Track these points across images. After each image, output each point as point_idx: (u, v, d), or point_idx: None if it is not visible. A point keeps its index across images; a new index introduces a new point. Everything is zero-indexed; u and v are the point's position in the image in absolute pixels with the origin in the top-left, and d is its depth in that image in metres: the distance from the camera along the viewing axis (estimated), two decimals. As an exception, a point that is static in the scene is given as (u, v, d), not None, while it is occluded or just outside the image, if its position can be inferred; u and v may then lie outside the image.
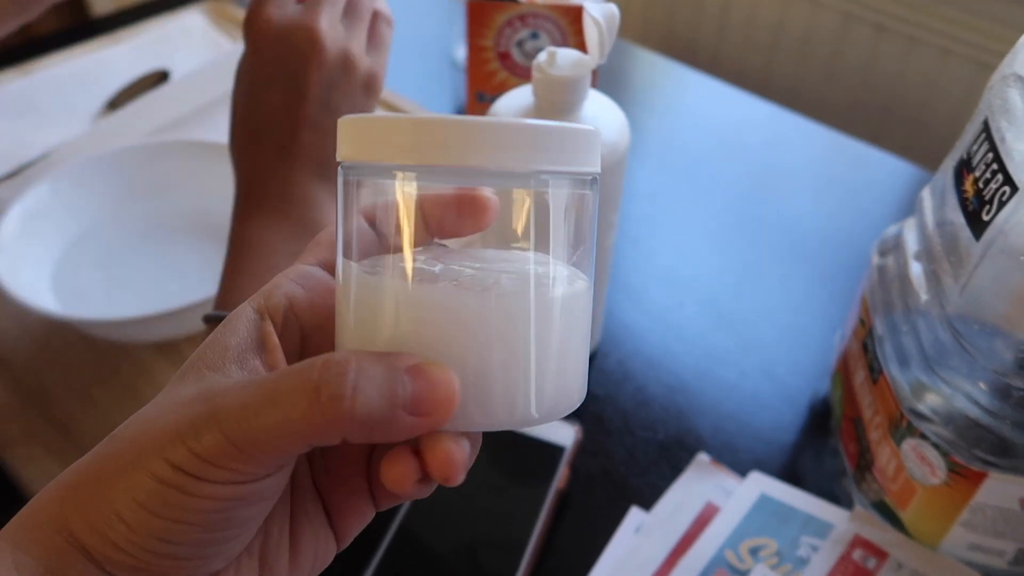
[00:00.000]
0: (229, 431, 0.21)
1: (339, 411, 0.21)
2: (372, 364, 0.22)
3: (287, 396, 0.21)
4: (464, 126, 0.22)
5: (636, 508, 0.50)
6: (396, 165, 0.23)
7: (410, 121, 0.23)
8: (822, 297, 0.64)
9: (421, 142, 0.22)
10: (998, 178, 0.37)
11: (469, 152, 0.22)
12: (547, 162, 0.23)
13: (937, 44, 0.89)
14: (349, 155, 0.24)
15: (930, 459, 0.43)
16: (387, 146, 0.23)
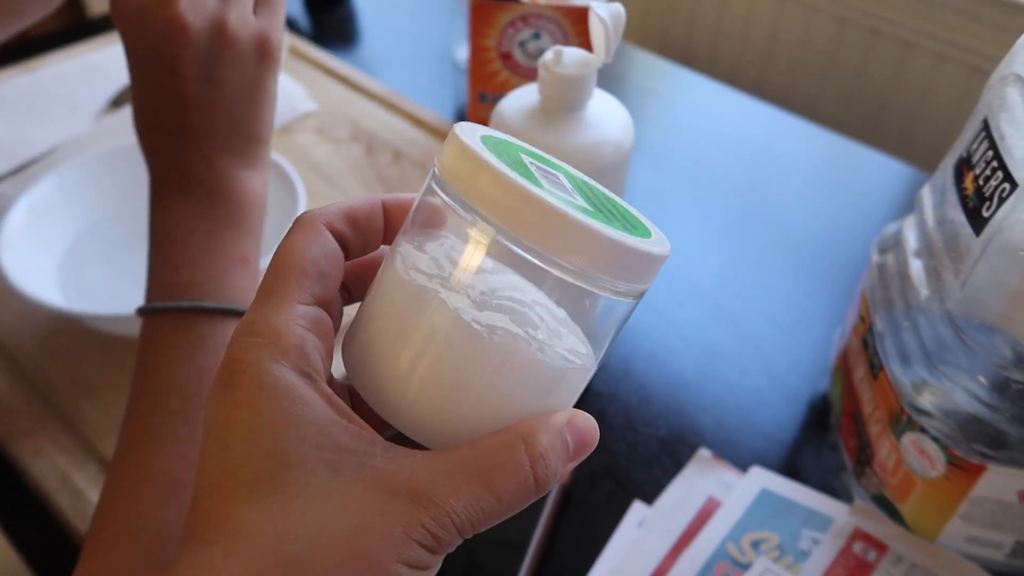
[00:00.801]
0: (457, 521, 0.23)
1: (544, 489, 0.23)
2: (554, 437, 0.24)
3: (501, 481, 0.23)
4: (575, 226, 0.22)
5: (638, 503, 0.50)
6: (487, 219, 0.23)
7: (523, 192, 0.22)
8: (820, 295, 0.65)
9: (522, 213, 0.23)
10: (998, 175, 0.38)
11: (561, 248, 0.23)
12: (623, 279, 0.24)
13: (931, 48, 0.90)
14: (448, 176, 0.24)
15: (929, 453, 0.43)
16: (489, 199, 0.23)
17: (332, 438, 0.22)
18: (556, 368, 0.24)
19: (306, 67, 0.87)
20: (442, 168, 0.25)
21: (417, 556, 0.22)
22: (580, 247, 0.23)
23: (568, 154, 0.47)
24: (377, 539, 0.21)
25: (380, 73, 0.88)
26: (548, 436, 0.23)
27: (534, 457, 0.23)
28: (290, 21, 0.97)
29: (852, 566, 0.46)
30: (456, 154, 0.24)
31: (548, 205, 0.22)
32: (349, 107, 0.81)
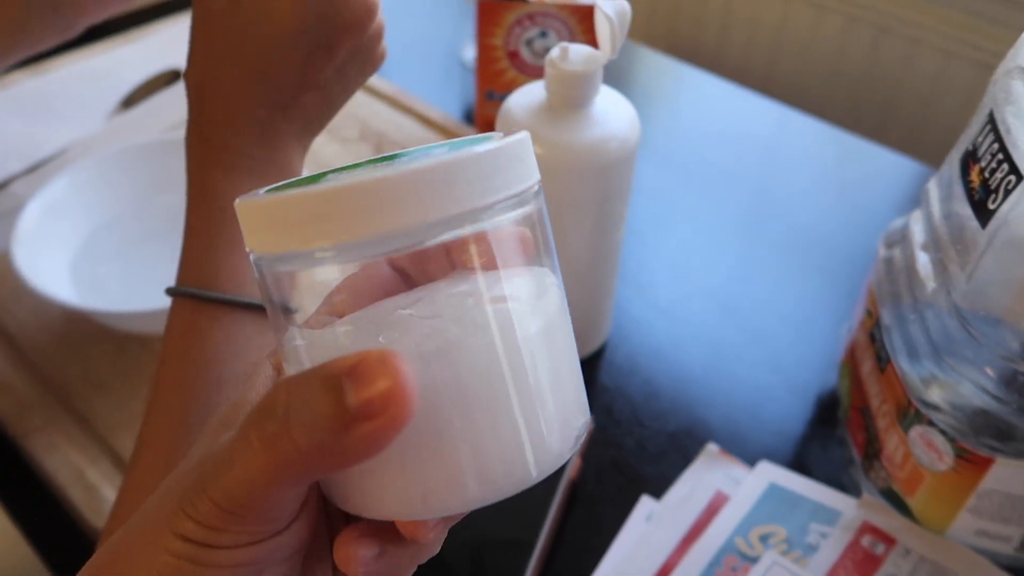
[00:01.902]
0: (214, 495, 0.20)
1: (282, 451, 0.19)
2: (305, 385, 0.19)
3: (243, 446, 0.20)
4: (378, 186, 0.19)
5: (647, 497, 0.51)
6: (311, 250, 0.20)
7: (311, 195, 0.20)
8: (827, 290, 0.65)
9: (329, 216, 0.19)
10: (1003, 167, 0.38)
11: (393, 215, 0.19)
12: (483, 196, 0.20)
13: (939, 46, 0.90)
14: (259, 247, 0.21)
15: (937, 445, 0.43)
16: (294, 230, 0.20)
17: (239, 416, 0.23)
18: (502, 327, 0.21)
19: (315, 67, 0.87)
20: (255, 247, 0.21)
21: (188, 529, 0.20)
22: (413, 198, 0.19)
23: (574, 150, 0.47)
24: (167, 505, 0.21)
25: (388, 73, 0.89)
26: (298, 386, 0.19)
27: (257, 410, 0.20)
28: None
29: (860, 559, 0.46)
30: (252, 218, 0.21)
31: (366, 183, 0.19)
32: (358, 107, 0.82)
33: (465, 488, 0.21)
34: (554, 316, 0.22)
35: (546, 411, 0.22)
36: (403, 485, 0.21)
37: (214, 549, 0.20)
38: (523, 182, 0.21)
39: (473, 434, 0.21)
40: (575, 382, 0.23)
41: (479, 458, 0.21)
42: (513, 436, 0.21)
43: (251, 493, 0.20)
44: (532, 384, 0.21)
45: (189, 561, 0.20)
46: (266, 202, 0.20)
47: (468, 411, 0.20)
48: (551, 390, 0.22)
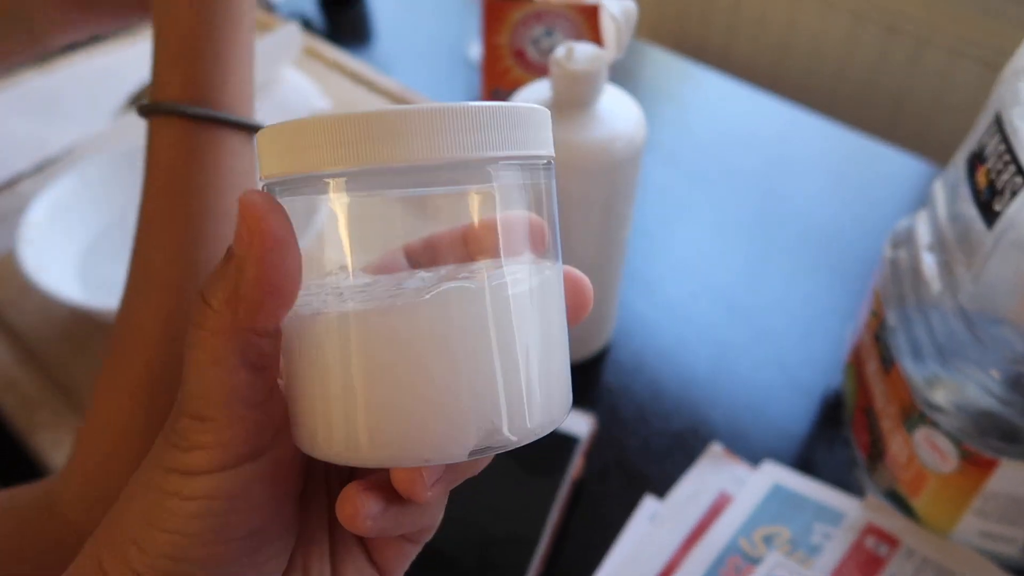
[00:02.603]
0: (187, 408, 0.21)
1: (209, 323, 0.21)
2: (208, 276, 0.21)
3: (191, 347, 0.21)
4: (397, 117, 0.20)
5: (650, 497, 0.51)
6: (322, 173, 0.21)
7: (330, 120, 0.20)
8: (833, 290, 0.65)
9: (343, 142, 0.20)
10: (1010, 168, 0.38)
11: (407, 147, 0.20)
12: (495, 147, 0.20)
13: (947, 45, 0.89)
14: (269, 170, 0.22)
15: (942, 447, 0.43)
16: (307, 153, 0.20)
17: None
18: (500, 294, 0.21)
19: (320, 65, 0.87)
20: (265, 173, 0.22)
21: (170, 459, 0.22)
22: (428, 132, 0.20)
23: (580, 149, 0.47)
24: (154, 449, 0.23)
25: (394, 71, 0.89)
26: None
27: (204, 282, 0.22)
28: (305, 20, 0.98)
29: (864, 561, 0.46)
30: (266, 142, 0.21)
31: (382, 112, 0.20)
32: (363, 105, 0.82)
33: (440, 435, 0.21)
34: (550, 298, 0.23)
35: (528, 381, 0.22)
36: (383, 427, 0.21)
37: (190, 477, 0.21)
38: (535, 147, 0.22)
39: (452, 384, 0.21)
40: (562, 367, 0.23)
41: (459, 407, 0.21)
42: (490, 394, 0.21)
43: (203, 379, 0.21)
44: (517, 351, 0.21)
45: (171, 494, 0.21)
46: (279, 126, 0.21)
47: (450, 363, 0.21)
48: (536, 363, 0.22)
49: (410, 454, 0.21)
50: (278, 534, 0.23)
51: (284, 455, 0.23)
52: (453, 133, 0.20)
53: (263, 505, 0.22)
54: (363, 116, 0.20)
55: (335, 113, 0.20)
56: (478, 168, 0.21)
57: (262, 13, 0.95)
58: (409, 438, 0.21)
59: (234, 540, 0.22)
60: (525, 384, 0.22)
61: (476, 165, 0.21)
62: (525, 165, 0.22)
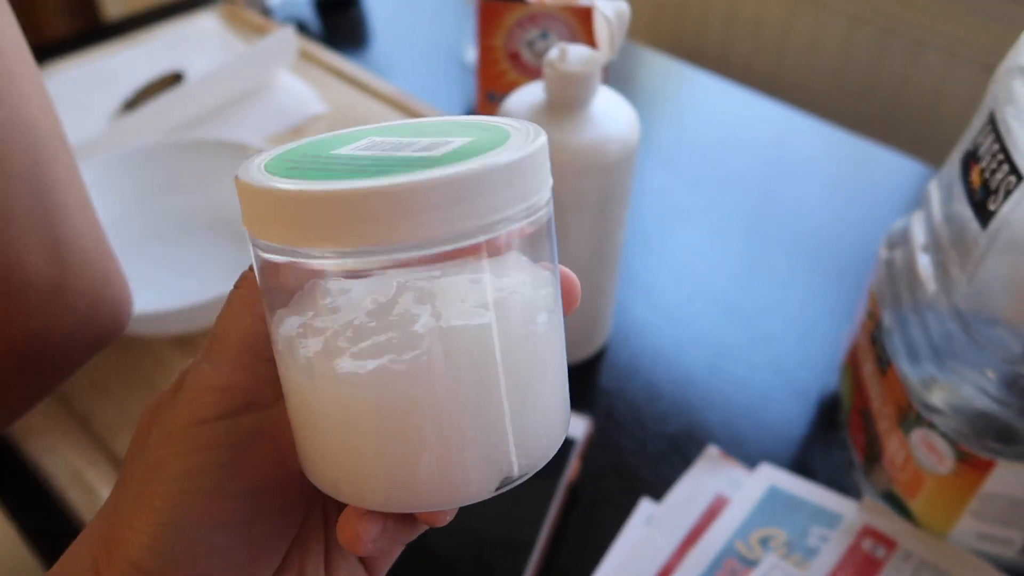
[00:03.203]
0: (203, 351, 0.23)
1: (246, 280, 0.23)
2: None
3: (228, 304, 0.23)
4: (386, 195, 0.18)
5: (646, 500, 0.50)
6: (313, 251, 0.19)
7: (314, 196, 0.19)
8: (830, 292, 0.65)
9: (333, 222, 0.19)
10: (1004, 168, 0.38)
11: (397, 226, 0.18)
12: (494, 212, 0.19)
13: (943, 47, 0.89)
14: (258, 232, 0.20)
15: (939, 448, 0.43)
16: (297, 228, 0.19)
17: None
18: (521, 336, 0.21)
19: (316, 69, 0.87)
20: (255, 232, 0.21)
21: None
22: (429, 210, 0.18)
23: (574, 151, 0.47)
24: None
25: (390, 75, 0.89)
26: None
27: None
28: (301, 24, 0.98)
29: (861, 563, 0.46)
30: (252, 201, 0.20)
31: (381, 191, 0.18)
32: (359, 109, 0.82)
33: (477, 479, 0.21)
34: (549, 320, 0.22)
35: (532, 411, 0.21)
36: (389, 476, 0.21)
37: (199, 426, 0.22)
38: (539, 191, 0.21)
39: (459, 430, 0.20)
40: (562, 386, 0.23)
41: (462, 454, 0.21)
42: (499, 434, 0.21)
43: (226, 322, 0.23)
44: (521, 383, 0.21)
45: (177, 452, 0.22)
46: (266, 192, 0.19)
47: (455, 408, 0.20)
48: (538, 391, 0.22)
49: (443, 501, 0.21)
50: (278, 508, 0.23)
51: (277, 417, 0.23)
52: (447, 207, 0.19)
53: (264, 461, 0.23)
54: (350, 195, 0.18)
55: (322, 189, 0.19)
56: (477, 233, 0.20)
57: (258, 17, 0.95)
58: (443, 488, 0.21)
59: (236, 498, 0.22)
60: (543, 411, 0.22)
61: (473, 232, 0.20)
62: (528, 210, 0.21)
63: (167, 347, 0.58)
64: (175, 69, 0.85)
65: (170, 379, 0.56)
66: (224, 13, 0.96)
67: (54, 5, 1.13)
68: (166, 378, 0.56)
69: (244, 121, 0.79)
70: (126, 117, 0.76)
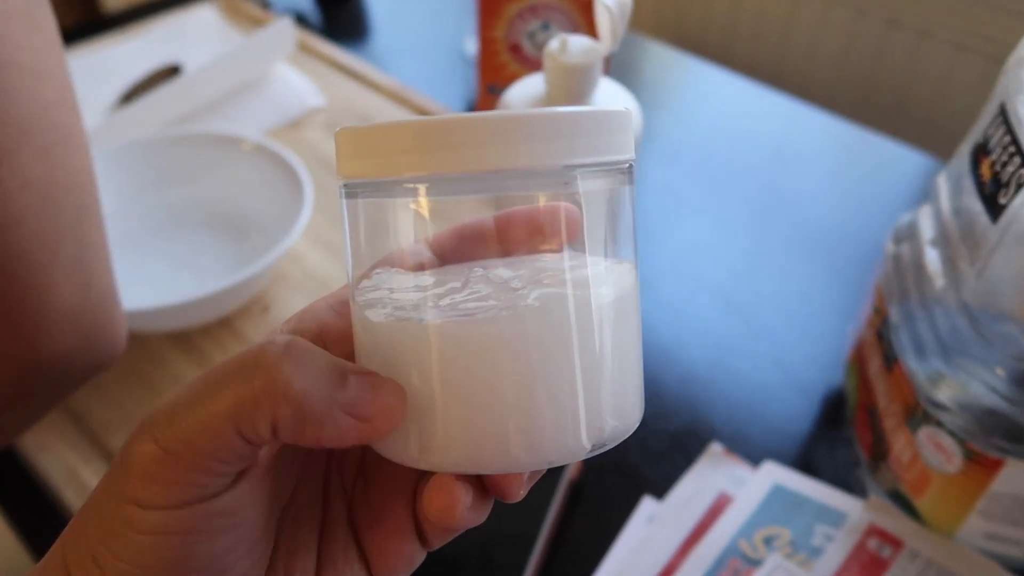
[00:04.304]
0: (158, 435, 0.20)
1: (273, 382, 0.19)
2: (319, 354, 0.20)
3: (219, 381, 0.20)
4: (478, 123, 0.20)
5: (649, 498, 0.50)
6: (404, 179, 0.21)
7: (413, 125, 0.20)
8: (835, 287, 0.64)
9: (429, 148, 0.20)
10: (1015, 161, 0.37)
11: (486, 154, 0.20)
12: (577, 154, 0.20)
13: (949, 38, 0.88)
14: (350, 172, 0.22)
15: (946, 447, 0.42)
16: (391, 157, 0.20)
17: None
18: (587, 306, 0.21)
19: (315, 62, 0.86)
20: (343, 173, 0.22)
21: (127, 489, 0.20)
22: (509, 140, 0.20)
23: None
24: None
25: (390, 67, 0.88)
26: (312, 350, 0.20)
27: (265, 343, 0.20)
28: (300, 16, 0.97)
29: (866, 563, 0.45)
30: (345, 143, 0.22)
31: (462, 119, 0.20)
32: (358, 101, 0.81)
33: (510, 449, 0.21)
34: (627, 301, 0.23)
35: (604, 389, 0.22)
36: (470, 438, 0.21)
37: (147, 511, 0.20)
38: (618, 152, 0.21)
39: (532, 398, 0.21)
40: (636, 370, 0.23)
41: (532, 420, 0.21)
42: (571, 405, 0.21)
43: (206, 428, 0.19)
44: (596, 360, 0.21)
45: (125, 526, 0.20)
46: (362, 129, 0.21)
47: (532, 376, 0.21)
48: (613, 370, 0.22)
49: (537, 458, 0.21)
50: (245, 552, 0.22)
51: (251, 485, 0.22)
52: (535, 140, 0.20)
53: (223, 535, 0.21)
54: (445, 122, 0.20)
55: (416, 119, 0.20)
56: (560, 175, 0.21)
57: (256, 9, 0.94)
58: (531, 444, 0.21)
59: (193, 571, 0.21)
60: (622, 385, 0.22)
61: (559, 172, 0.21)
62: (607, 170, 0.22)
63: (162, 343, 0.58)
64: (173, 62, 0.84)
65: (165, 376, 0.55)
66: (222, 5, 0.95)
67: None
68: (161, 375, 0.56)
69: (242, 114, 0.78)
70: (123, 110, 0.75)
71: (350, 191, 0.22)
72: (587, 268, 0.22)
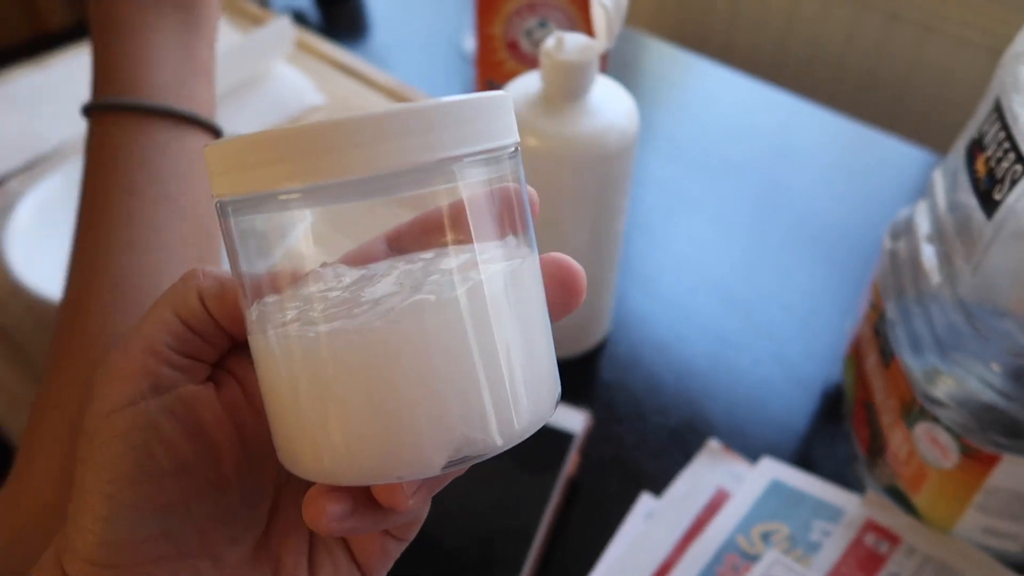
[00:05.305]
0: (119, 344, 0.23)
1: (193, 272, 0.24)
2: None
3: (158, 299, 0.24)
4: (348, 125, 0.19)
5: (647, 494, 0.50)
6: (276, 192, 0.20)
7: (278, 134, 0.19)
8: (833, 282, 0.64)
9: (297, 156, 0.19)
10: (1010, 156, 0.37)
11: (359, 157, 0.19)
12: (455, 145, 0.19)
13: (950, 32, 0.88)
14: (224, 190, 0.21)
15: (943, 442, 0.42)
16: (261, 170, 0.19)
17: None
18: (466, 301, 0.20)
19: (314, 60, 0.86)
20: (218, 192, 0.21)
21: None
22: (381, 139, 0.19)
23: (571, 141, 0.46)
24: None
25: (389, 65, 0.88)
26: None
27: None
28: (298, 14, 0.97)
29: (864, 558, 0.45)
30: (215, 159, 0.21)
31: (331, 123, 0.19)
32: (357, 99, 0.81)
33: (424, 450, 0.20)
34: (526, 287, 0.22)
35: (512, 382, 0.21)
36: (354, 448, 0.20)
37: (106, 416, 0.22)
38: (498, 139, 0.21)
39: (421, 400, 0.20)
40: (545, 360, 0.23)
41: (428, 423, 0.20)
42: (464, 403, 0.20)
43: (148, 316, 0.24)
44: (494, 354, 0.21)
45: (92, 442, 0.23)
46: (233, 142, 0.20)
47: (418, 379, 0.20)
48: (516, 362, 0.21)
49: (383, 472, 0.20)
50: (212, 485, 0.23)
51: (208, 393, 0.24)
52: (411, 136, 0.19)
53: (178, 438, 0.23)
54: (310, 128, 0.19)
55: (282, 128, 0.19)
56: (440, 169, 0.20)
57: (254, 7, 0.94)
58: (381, 457, 0.20)
59: (162, 477, 0.22)
60: (509, 386, 0.21)
61: (436, 167, 0.20)
62: (490, 158, 0.21)
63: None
64: (172, 60, 0.84)
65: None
66: (221, 3, 0.95)
67: (53, -4, 1.12)
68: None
69: (241, 112, 0.78)
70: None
71: (224, 210, 0.21)
72: (475, 259, 0.21)
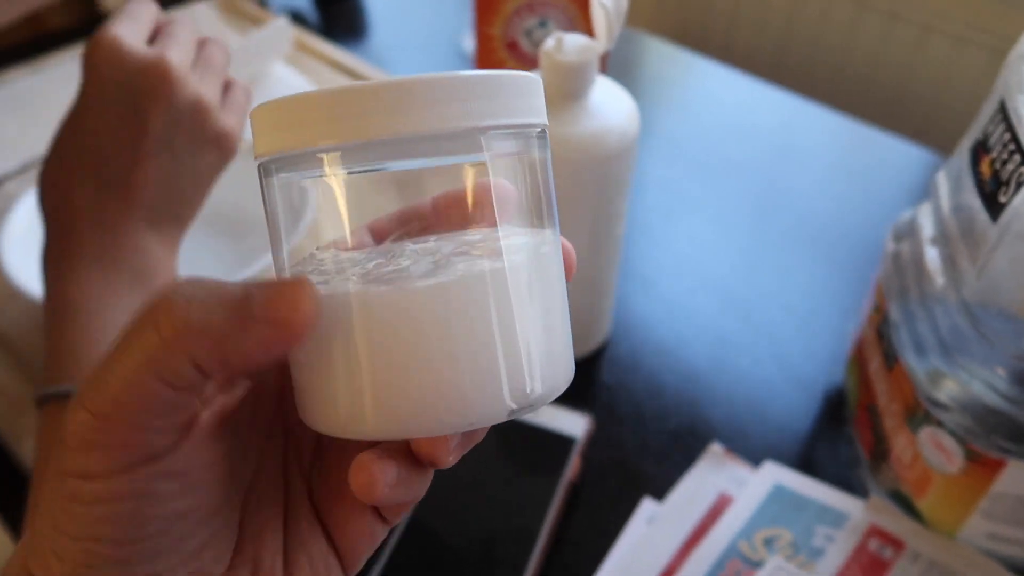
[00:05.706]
0: (87, 402, 0.19)
1: (173, 320, 0.19)
2: (209, 281, 0.20)
3: (127, 338, 0.19)
4: (387, 89, 0.20)
5: (648, 499, 0.49)
6: (316, 149, 0.21)
7: (322, 95, 0.20)
8: (836, 284, 0.64)
9: (339, 117, 0.20)
10: (1015, 158, 0.36)
11: (395, 119, 0.20)
12: (485, 115, 0.21)
13: (951, 32, 0.88)
14: (265, 148, 0.22)
15: (947, 447, 0.42)
16: (302, 129, 0.21)
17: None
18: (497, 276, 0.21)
19: (312, 60, 0.86)
20: (258, 150, 0.22)
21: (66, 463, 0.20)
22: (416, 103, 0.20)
23: (571, 143, 0.46)
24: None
25: (388, 65, 0.87)
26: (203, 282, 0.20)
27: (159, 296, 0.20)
28: (297, 14, 0.97)
29: (867, 564, 0.45)
30: (258, 120, 0.22)
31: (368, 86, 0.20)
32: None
33: (497, 397, 0.21)
34: (548, 268, 0.23)
35: (529, 353, 0.22)
36: (429, 399, 0.21)
37: (89, 481, 0.20)
38: (527, 116, 0.22)
39: (453, 360, 0.21)
40: (560, 334, 0.24)
41: (497, 374, 0.21)
42: (518, 359, 0.22)
43: (127, 383, 0.19)
44: (512, 324, 0.22)
45: (70, 499, 0.20)
46: (277, 103, 0.21)
47: (452, 341, 0.21)
48: (553, 329, 0.22)
49: (458, 420, 0.21)
50: (203, 520, 0.22)
51: (199, 445, 0.22)
52: (445, 103, 0.20)
53: (176, 499, 0.21)
54: (354, 89, 0.20)
55: (326, 88, 0.20)
56: (470, 138, 0.21)
57: (253, 7, 0.94)
58: (460, 403, 0.21)
59: (149, 537, 0.21)
60: (557, 343, 0.23)
61: (468, 135, 0.21)
62: (518, 134, 0.22)
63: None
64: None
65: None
66: (220, 3, 0.95)
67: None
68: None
69: (239, 114, 0.78)
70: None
71: (267, 169, 0.22)
72: (502, 237, 0.22)
